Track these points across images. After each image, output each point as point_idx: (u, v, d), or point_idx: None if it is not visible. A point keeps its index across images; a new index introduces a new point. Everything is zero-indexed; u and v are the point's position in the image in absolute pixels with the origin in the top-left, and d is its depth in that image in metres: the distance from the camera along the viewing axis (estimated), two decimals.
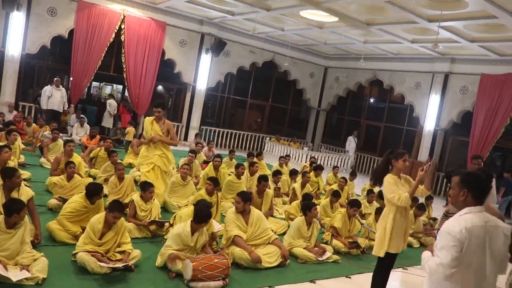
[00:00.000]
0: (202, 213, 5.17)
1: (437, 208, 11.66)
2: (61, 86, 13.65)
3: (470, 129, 14.15)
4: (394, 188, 4.59)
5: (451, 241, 2.78)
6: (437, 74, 15.61)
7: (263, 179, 7.63)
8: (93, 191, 5.63)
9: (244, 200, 5.84)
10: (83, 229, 5.24)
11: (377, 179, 4.89)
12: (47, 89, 13.53)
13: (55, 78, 13.74)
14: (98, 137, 11.63)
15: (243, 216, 5.88)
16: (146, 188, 6.32)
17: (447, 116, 15.30)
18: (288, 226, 7.04)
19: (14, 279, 4.05)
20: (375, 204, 9.27)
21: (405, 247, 4.87)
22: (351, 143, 18.17)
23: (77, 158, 8.32)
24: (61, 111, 13.79)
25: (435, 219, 9.53)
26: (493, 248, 2.85)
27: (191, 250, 5.16)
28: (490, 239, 2.83)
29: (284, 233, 6.92)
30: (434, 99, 15.57)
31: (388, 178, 4.68)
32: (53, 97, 13.42)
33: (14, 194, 5.06)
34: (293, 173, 10.62)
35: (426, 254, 3.05)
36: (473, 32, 11.91)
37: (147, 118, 7.63)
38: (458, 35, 12.05)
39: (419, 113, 16.14)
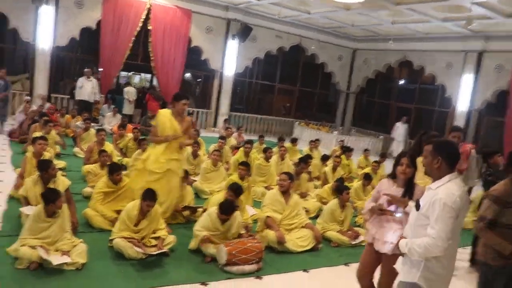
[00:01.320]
0: (225, 206, 5.16)
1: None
2: (91, 77, 13.82)
3: (506, 109, 13.74)
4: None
5: (448, 213, 2.78)
6: (469, 53, 15.16)
7: (302, 161, 7.73)
8: (111, 169, 5.81)
9: (290, 178, 5.97)
10: (118, 213, 5.37)
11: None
12: (79, 80, 13.74)
13: (85, 69, 13.92)
14: (129, 126, 11.73)
15: (285, 196, 5.92)
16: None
17: (481, 96, 14.88)
18: (321, 210, 7.01)
19: (55, 262, 4.19)
20: None
21: None
22: (398, 129, 17.11)
23: (108, 146, 8.47)
24: (92, 101, 14.00)
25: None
26: (464, 214, 2.98)
27: (223, 235, 5.19)
28: (465, 203, 2.93)
29: (316, 216, 6.89)
30: (467, 79, 15.16)
31: (421, 160, 4.54)
32: (84, 88, 13.60)
33: (51, 185, 5.22)
34: (324, 158, 10.55)
35: (403, 241, 3.01)
36: (509, 7, 11.42)
37: (163, 111, 6.13)
38: (493, 11, 11.60)
39: (451, 94, 15.75)
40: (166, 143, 5.79)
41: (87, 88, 13.62)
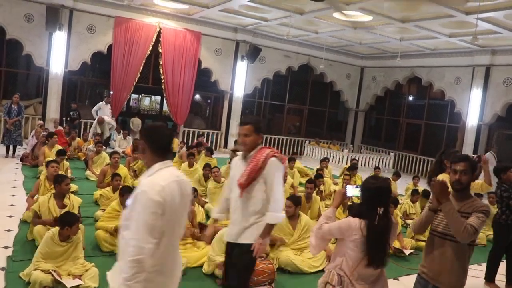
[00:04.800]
0: None
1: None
2: (108, 103, 14.41)
3: None
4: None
5: (149, 207, 2.34)
6: (477, 68, 15.17)
7: (308, 182, 7.67)
8: (123, 192, 5.87)
9: (296, 203, 5.92)
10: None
11: (432, 181, 4.72)
12: (97, 105, 14.21)
13: (106, 96, 14.42)
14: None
15: (291, 221, 5.91)
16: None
17: (490, 110, 14.83)
18: None
19: (69, 285, 4.24)
20: (418, 205, 9.06)
21: None
22: (491, 160, 12.87)
23: (123, 169, 8.53)
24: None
25: None
26: (185, 203, 2.61)
27: None
28: (182, 195, 2.55)
29: None
30: (476, 93, 15.13)
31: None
32: (102, 111, 13.99)
33: (66, 201, 5.46)
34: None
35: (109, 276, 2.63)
36: None
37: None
38: (498, 26, 11.67)
39: (461, 109, 15.71)
40: None
41: (105, 111, 13.97)
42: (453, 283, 3.28)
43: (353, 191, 3.36)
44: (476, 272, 5.95)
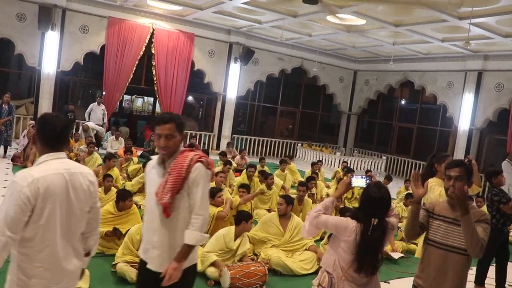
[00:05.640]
0: (241, 214, 5.39)
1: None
2: (101, 103, 14.35)
3: (507, 127, 13.77)
4: (438, 187, 4.34)
5: (15, 199, 2.23)
6: (470, 72, 15.27)
7: (302, 184, 7.67)
8: (122, 196, 5.86)
9: (287, 202, 5.94)
10: (114, 230, 5.49)
11: (422, 185, 4.68)
12: (90, 106, 14.18)
13: (98, 97, 14.38)
14: (134, 150, 11.78)
15: (282, 221, 5.91)
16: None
17: (482, 115, 14.93)
18: (325, 232, 6.99)
19: None
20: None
21: None
22: (507, 168, 11.56)
23: (114, 171, 8.49)
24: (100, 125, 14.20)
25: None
26: (78, 196, 2.47)
27: (231, 256, 5.19)
28: (74, 188, 2.44)
29: (321, 239, 6.87)
30: (468, 98, 15.22)
31: (432, 181, 4.45)
32: (94, 112, 13.98)
33: None
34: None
35: None
36: (506, 27, 11.58)
37: None
38: (490, 31, 11.77)
39: (453, 113, 15.80)
40: None
41: (97, 113, 13.96)
42: None
43: (358, 182, 3.27)
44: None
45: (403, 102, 19.75)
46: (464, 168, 3.18)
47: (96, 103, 14.24)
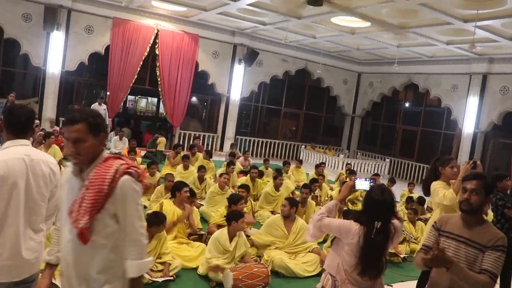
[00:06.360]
0: (231, 214, 5.33)
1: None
2: (103, 103, 14.24)
3: None
4: (442, 189, 4.32)
5: None
6: (474, 75, 15.22)
7: (303, 187, 7.66)
8: None
9: (291, 204, 5.94)
10: None
11: (427, 189, 4.63)
12: (91, 107, 14.06)
13: (100, 97, 14.31)
14: (138, 150, 11.79)
15: (287, 223, 5.90)
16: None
17: (487, 118, 14.87)
18: (328, 234, 6.97)
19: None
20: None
21: None
22: None
23: None
24: None
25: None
26: (37, 181, 2.66)
27: (230, 257, 5.18)
28: (34, 174, 2.65)
29: (324, 241, 6.85)
30: (472, 101, 15.17)
31: (436, 183, 4.43)
32: None
33: None
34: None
35: None
36: None
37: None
38: (496, 34, 11.73)
39: (457, 116, 15.76)
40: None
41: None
42: None
43: (362, 185, 3.25)
44: None
45: (407, 104, 19.70)
46: (483, 182, 2.92)
47: (97, 103, 14.21)
